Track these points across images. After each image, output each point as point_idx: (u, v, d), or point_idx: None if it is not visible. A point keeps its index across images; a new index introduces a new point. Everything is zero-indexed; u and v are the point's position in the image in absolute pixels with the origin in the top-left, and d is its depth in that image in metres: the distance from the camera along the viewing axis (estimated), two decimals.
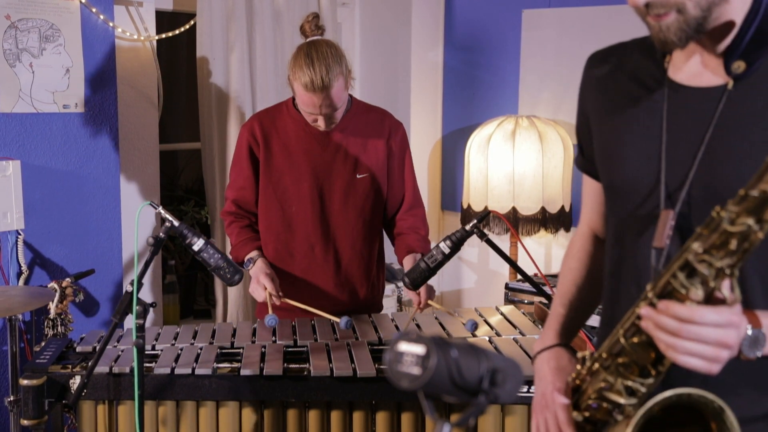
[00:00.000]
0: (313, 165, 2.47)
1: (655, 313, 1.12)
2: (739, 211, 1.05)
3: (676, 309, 1.09)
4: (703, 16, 1.18)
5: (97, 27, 3.02)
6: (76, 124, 3.00)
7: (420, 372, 0.95)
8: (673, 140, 1.27)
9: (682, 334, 1.09)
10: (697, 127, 1.24)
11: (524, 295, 3.34)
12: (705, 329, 1.08)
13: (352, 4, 4.09)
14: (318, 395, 2.06)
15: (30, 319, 2.89)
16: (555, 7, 3.66)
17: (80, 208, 3.05)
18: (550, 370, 1.42)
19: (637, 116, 1.33)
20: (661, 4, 1.18)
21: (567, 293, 1.53)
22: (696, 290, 1.09)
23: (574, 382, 1.34)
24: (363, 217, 2.53)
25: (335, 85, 2.29)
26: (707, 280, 1.08)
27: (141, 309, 1.91)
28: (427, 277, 2.26)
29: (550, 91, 3.71)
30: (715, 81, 1.25)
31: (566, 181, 3.52)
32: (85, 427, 2.10)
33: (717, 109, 1.22)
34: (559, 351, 1.46)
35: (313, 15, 2.40)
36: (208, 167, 3.40)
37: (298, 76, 2.29)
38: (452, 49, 4.08)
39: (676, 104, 1.28)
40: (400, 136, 2.58)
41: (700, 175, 1.23)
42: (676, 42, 1.20)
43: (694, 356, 1.09)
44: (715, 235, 1.07)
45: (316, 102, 2.31)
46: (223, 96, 3.36)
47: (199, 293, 4.10)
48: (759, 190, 1.03)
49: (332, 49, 2.32)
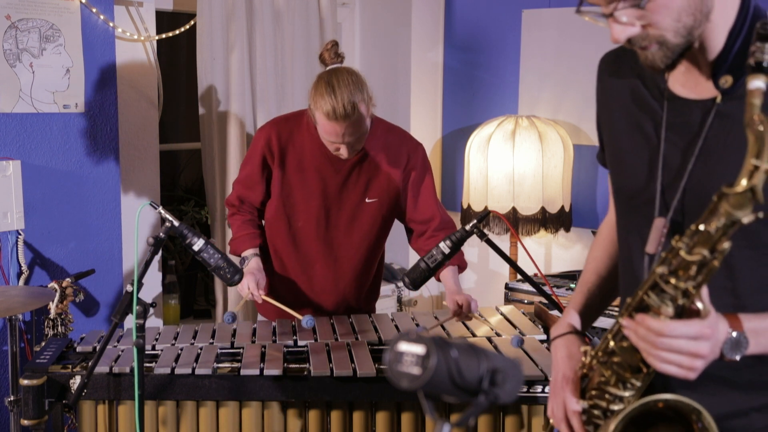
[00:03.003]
0: (324, 185, 2.45)
1: (634, 325, 1.21)
2: (694, 243, 1.14)
3: (650, 322, 1.18)
4: (686, 41, 1.23)
5: (97, 27, 3.02)
6: (76, 124, 3.00)
7: (420, 372, 0.95)
8: (669, 149, 1.33)
9: (657, 345, 1.17)
10: (689, 137, 1.30)
11: (524, 295, 3.34)
12: (677, 341, 1.16)
13: (352, 4, 4.09)
14: (318, 395, 2.06)
15: (30, 319, 2.89)
16: (555, 7, 3.66)
17: (80, 208, 3.05)
18: (561, 357, 1.48)
19: (641, 125, 1.38)
20: (641, 38, 1.23)
21: (587, 281, 1.58)
22: (666, 307, 1.17)
23: (582, 371, 1.40)
24: (368, 241, 2.52)
25: (358, 113, 2.24)
26: (675, 298, 1.17)
27: (141, 309, 1.91)
28: (427, 277, 2.26)
29: (550, 91, 3.71)
30: (706, 94, 1.30)
31: (566, 181, 3.52)
32: (85, 427, 2.10)
33: (706, 121, 1.28)
34: (571, 338, 1.50)
35: (332, 43, 2.35)
36: (208, 167, 3.40)
37: (320, 105, 2.25)
38: (452, 49, 4.08)
39: (673, 115, 1.33)
40: (420, 158, 2.52)
41: (691, 185, 1.29)
42: (662, 67, 1.26)
43: (670, 364, 1.17)
44: (675, 261, 1.16)
45: (339, 131, 2.26)
46: (223, 96, 3.36)
47: (199, 293, 4.10)
48: (708, 227, 1.11)
49: (353, 77, 2.28)
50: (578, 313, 1.55)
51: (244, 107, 3.40)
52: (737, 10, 1.25)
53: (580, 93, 3.59)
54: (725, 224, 1.10)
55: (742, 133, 1.18)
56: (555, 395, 1.45)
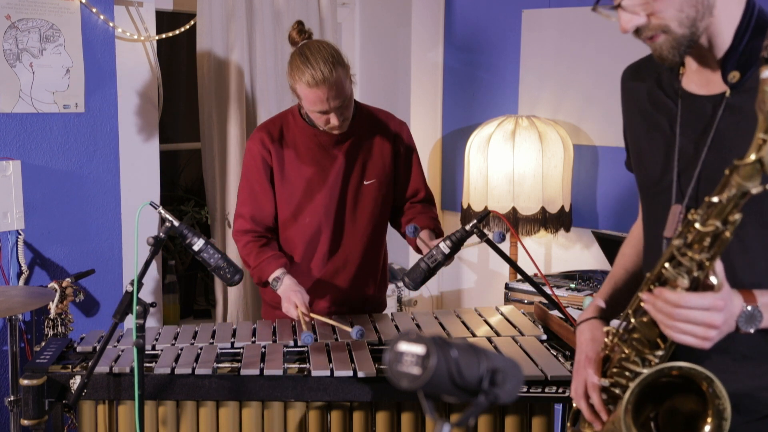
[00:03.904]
0: (323, 176, 2.46)
1: (652, 298, 1.31)
2: (708, 215, 1.23)
3: (667, 294, 1.28)
4: (691, 32, 1.34)
5: (97, 27, 3.02)
6: (76, 124, 3.00)
7: (420, 372, 0.95)
8: (684, 143, 1.44)
9: (674, 316, 1.27)
10: (701, 130, 1.42)
11: (524, 295, 3.34)
12: (692, 312, 1.26)
13: (352, 4, 4.09)
14: (318, 395, 2.06)
15: (30, 319, 2.89)
16: (555, 7, 3.66)
17: (80, 208, 3.05)
18: (585, 340, 1.58)
19: (658, 122, 1.51)
20: (647, 27, 1.35)
21: (615, 275, 1.71)
22: (682, 279, 1.27)
23: (604, 352, 1.51)
24: (372, 223, 2.54)
25: (337, 74, 2.25)
26: (691, 270, 1.27)
27: (141, 309, 1.91)
28: (427, 277, 2.26)
29: (550, 91, 3.71)
30: (717, 89, 1.41)
31: (566, 181, 3.52)
32: (85, 427, 2.10)
33: (717, 114, 1.39)
34: (595, 323, 1.61)
35: (297, 22, 2.37)
36: (208, 167, 3.40)
37: (298, 77, 2.27)
38: (452, 49, 4.08)
39: (687, 111, 1.45)
40: (405, 136, 2.58)
41: (705, 173, 1.40)
42: (671, 58, 1.36)
43: (686, 334, 1.27)
44: (691, 234, 1.26)
45: (322, 96, 2.26)
46: (223, 96, 3.36)
47: (199, 293, 4.10)
48: (721, 197, 1.21)
49: (324, 44, 2.31)
50: (603, 301, 1.65)
51: (244, 107, 3.40)
52: (742, 11, 1.36)
53: (580, 93, 3.59)
54: (736, 195, 1.19)
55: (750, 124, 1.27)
56: (577, 375, 1.55)
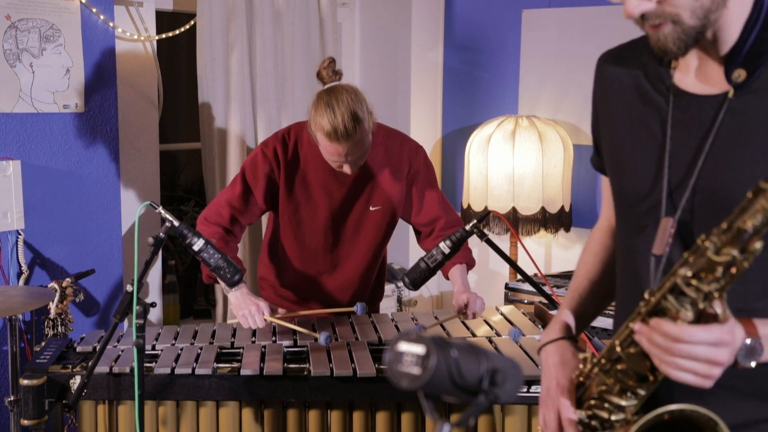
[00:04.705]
0: (330, 200, 2.43)
1: (648, 330, 1.14)
2: (723, 242, 1.07)
3: (667, 327, 1.11)
4: (701, 24, 1.18)
5: (97, 27, 3.02)
6: (76, 124, 3.00)
7: (420, 372, 0.95)
8: (675, 147, 1.27)
9: (673, 352, 1.11)
10: (699, 135, 1.25)
11: (524, 295, 3.34)
12: (695, 348, 1.10)
13: (352, 4, 4.09)
14: (318, 395, 2.06)
15: (30, 319, 2.89)
16: (555, 7, 3.66)
17: (80, 208, 3.05)
18: (553, 364, 1.40)
19: (644, 121, 1.33)
20: (656, 14, 1.18)
21: (579, 287, 1.52)
22: (686, 311, 1.11)
23: (578, 379, 1.34)
24: (373, 248, 2.52)
25: (359, 131, 2.19)
26: (696, 302, 1.11)
27: (141, 309, 1.91)
28: (427, 277, 2.26)
29: (550, 91, 3.71)
30: (717, 89, 1.25)
31: (566, 181, 3.52)
32: (85, 427, 2.10)
33: (718, 117, 1.23)
34: (563, 344, 1.43)
35: (329, 60, 2.29)
36: (208, 167, 3.40)
37: (320, 126, 2.20)
38: (452, 49, 4.08)
39: (679, 111, 1.28)
40: (422, 162, 2.51)
41: (701, 183, 1.24)
42: (675, 51, 1.20)
43: (686, 372, 1.11)
44: (701, 262, 1.09)
45: (340, 151, 2.22)
46: (223, 96, 3.36)
47: (199, 293, 4.10)
48: (744, 224, 1.05)
49: (352, 95, 2.22)
50: (568, 318, 1.48)
51: (244, 107, 3.40)
52: (752, 3, 1.21)
53: (580, 93, 3.59)
54: (762, 222, 1.04)
55: (756, 129, 1.15)
56: (547, 405, 1.38)
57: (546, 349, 1.45)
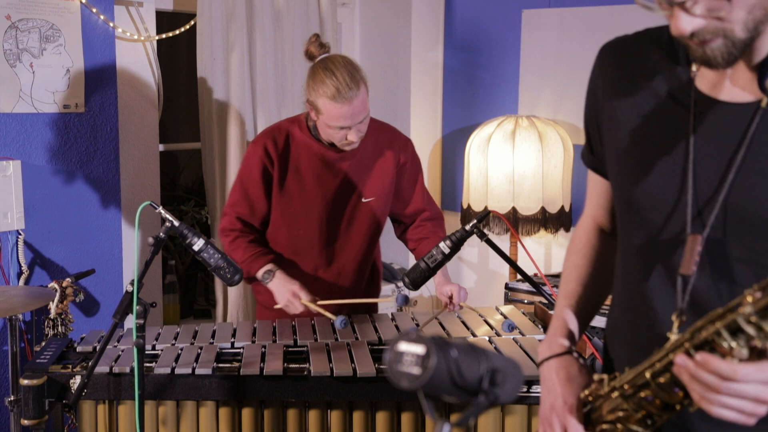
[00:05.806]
0: (323, 192, 2.45)
1: (693, 365, 1.07)
2: None
3: (718, 365, 1.05)
4: (751, 36, 1.11)
5: (97, 27, 3.02)
6: (76, 124, 3.00)
7: (420, 372, 0.95)
8: (701, 158, 1.19)
9: (721, 390, 1.05)
10: (727, 145, 1.17)
11: (524, 295, 3.34)
12: (746, 386, 1.05)
13: (352, 4, 4.09)
14: (318, 395, 2.06)
15: (30, 319, 2.89)
16: (555, 7, 3.66)
17: (80, 208, 3.05)
18: (559, 381, 1.33)
19: (660, 127, 1.24)
20: (708, 31, 1.10)
21: (573, 293, 1.44)
22: (741, 349, 1.05)
23: (587, 398, 1.29)
24: (367, 239, 2.54)
25: (362, 89, 2.25)
26: (753, 339, 1.04)
27: (141, 309, 1.91)
28: (427, 277, 2.26)
29: (550, 91, 3.70)
30: (747, 96, 1.18)
31: (566, 181, 3.52)
32: (85, 427, 2.10)
33: (750, 127, 1.15)
34: (568, 359, 1.36)
35: (315, 36, 2.33)
36: (208, 167, 3.40)
37: (322, 91, 2.22)
38: (452, 49, 4.08)
39: (704, 119, 1.19)
40: (410, 154, 2.56)
41: (732, 199, 1.16)
42: (722, 64, 1.13)
43: (730, 409, 1.06)
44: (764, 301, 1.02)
45: (347, 112, 2.23)
46: (223, 96, 3.36)
47: (199, 293, 4.10)
48: None
49: (346, 59, 2.29)
50: (569, 330, 1.41)
51: (244, 107, 3.40)
52: None
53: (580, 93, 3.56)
54: None
55: None
56: (551, 422, 1.31)
57: (549, 365, 1.38)
